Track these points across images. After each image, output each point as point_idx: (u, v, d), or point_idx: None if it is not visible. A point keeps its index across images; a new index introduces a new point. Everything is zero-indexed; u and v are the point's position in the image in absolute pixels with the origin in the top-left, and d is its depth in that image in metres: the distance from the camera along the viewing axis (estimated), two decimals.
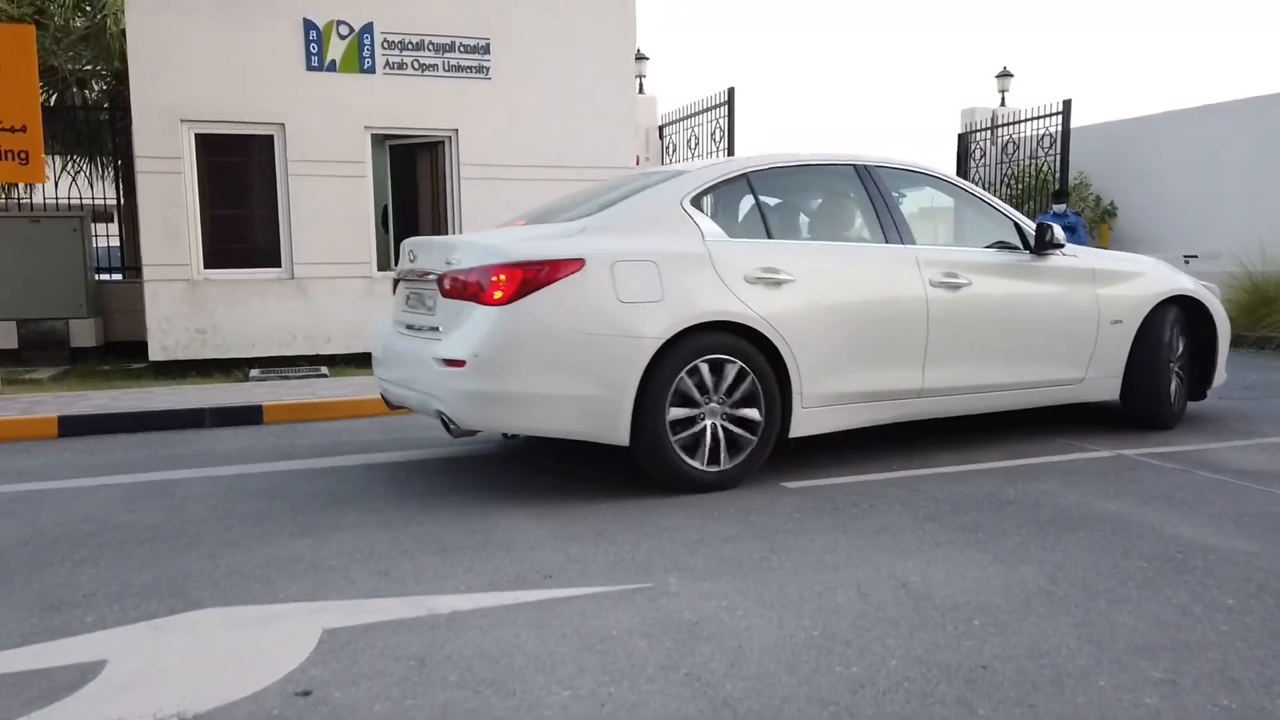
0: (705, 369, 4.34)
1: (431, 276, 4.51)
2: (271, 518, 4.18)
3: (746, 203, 4.87)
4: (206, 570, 3.48)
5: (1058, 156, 12.56)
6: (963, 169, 14.76)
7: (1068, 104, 12.33)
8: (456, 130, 9.57)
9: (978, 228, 5.48)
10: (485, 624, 2.90)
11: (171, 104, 8.74)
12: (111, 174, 11.71)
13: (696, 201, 4.63)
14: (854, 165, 5.14)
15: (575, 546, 3.67)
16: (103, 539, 3.89)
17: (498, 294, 4.10)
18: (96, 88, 12.40)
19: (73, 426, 6.32)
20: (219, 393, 7.42)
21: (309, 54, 9.05)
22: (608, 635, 2.81)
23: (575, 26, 9.92)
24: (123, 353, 10.47)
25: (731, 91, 11.06)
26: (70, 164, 11.62)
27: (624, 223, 4.49)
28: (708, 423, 4.38)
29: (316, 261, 9.27)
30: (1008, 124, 13.98)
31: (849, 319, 4.70)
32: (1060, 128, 12.46)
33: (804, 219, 5.39)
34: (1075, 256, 5.55)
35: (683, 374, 4.27)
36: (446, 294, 4.34)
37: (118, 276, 11.70)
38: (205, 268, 9.07)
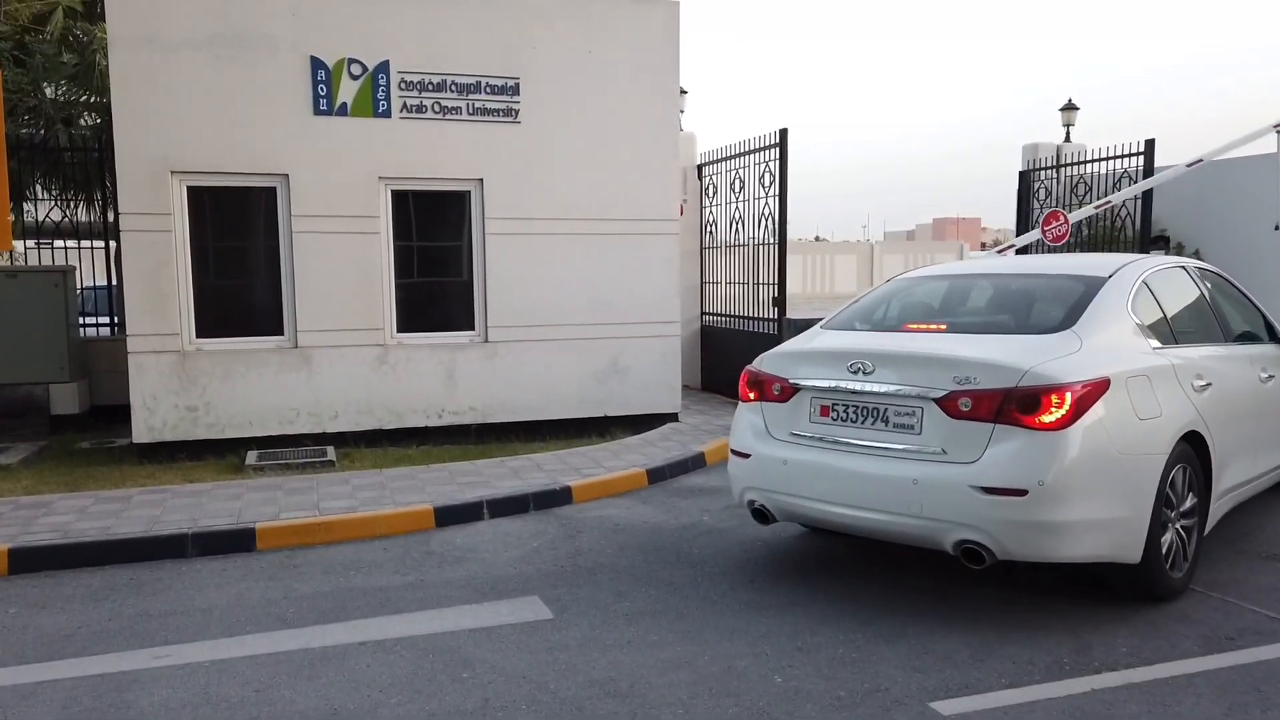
0: (1178, 478, 4.43)
1: (917, 394, 4.25)
2: None
3: (1150, 306, 4.85)
4: None
5: (1138, 200, 11.41)
6: (1024, 209, 13.60)
7: (1150, 144, 11.16)
8: (482, 180, 8.48)
9: (1236, 321, 5.68)
10: None
11: (160, 153, 7.67)
12: (101, 216, 10.67)
13: (1131, 308, 4.66)
14: (1182, 267, 5.42)
15: None
16: None
17: (1050, 417, 3.95)
18: (86, 121, 11.35)
19: (26, 562, 5.23)
20: (206, 500, 6.33)
21: (316, 96, 7.99)
22: None
23: (614, 63, 8.82)
24: (110, 418, 9.42)
25: (784, 133, 9.92)
26: (59, 203, 10.57)
27: (1098, 335, 4.39)
28: (1175, 530, 4.45)
29: (323, 328, 8.18)
30: (1077, 162, 12.84)
31: (1233, 418, 4.92)
32: (1141, 167, 11.31)
33: (1179, 320, 5.19)
34: None
35: (1167, 485, 4.31)
36: (963, 415, 4.12)
37: (106, 330, 10.68)
38: (197, 336, 7.99)
